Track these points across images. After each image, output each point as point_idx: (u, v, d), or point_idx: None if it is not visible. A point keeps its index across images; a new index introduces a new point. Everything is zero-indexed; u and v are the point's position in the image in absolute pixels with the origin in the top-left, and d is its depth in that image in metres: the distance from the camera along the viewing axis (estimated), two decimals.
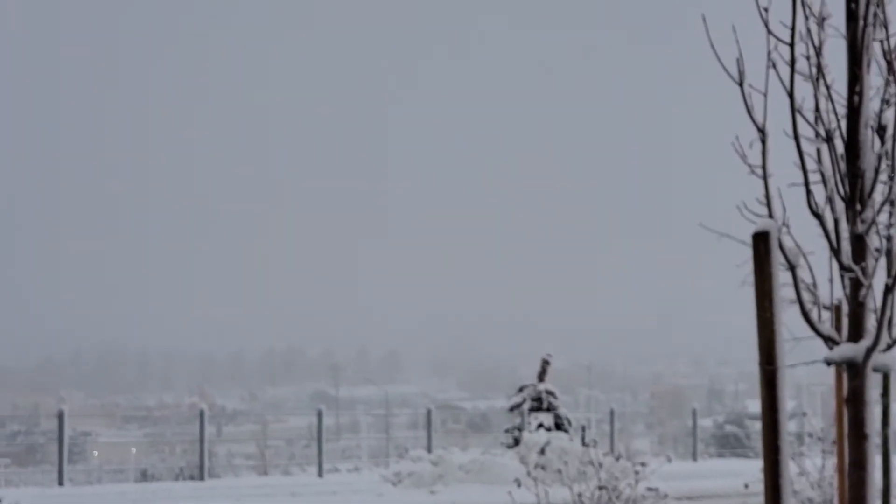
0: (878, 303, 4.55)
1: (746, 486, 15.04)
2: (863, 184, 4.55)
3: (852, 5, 4.56)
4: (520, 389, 25.26)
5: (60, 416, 23.04)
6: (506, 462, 21.68)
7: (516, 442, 23.49)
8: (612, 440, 29.12)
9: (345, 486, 21.91)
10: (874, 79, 4.63)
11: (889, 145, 4.60)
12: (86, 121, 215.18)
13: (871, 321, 4.56)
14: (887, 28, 4.64)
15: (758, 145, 4.53)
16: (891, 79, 4.65)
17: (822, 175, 4.62)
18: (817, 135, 4.61)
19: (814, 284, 4.69)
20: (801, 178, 4.57)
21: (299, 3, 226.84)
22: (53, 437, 25.62)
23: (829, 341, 4.59)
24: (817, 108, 4.59)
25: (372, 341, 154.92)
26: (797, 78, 4.52)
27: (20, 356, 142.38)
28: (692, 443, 31.37)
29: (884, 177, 4.58)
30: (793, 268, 4.51)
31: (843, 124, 4.59)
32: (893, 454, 5.06)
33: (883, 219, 4.59)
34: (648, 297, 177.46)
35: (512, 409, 25.08)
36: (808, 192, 4.57)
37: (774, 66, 4.51)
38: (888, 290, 4.50)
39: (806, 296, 4.57)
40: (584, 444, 21.59)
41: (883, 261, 4.59)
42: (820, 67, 4.57)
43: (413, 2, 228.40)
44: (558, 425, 24.32)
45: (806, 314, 4.52)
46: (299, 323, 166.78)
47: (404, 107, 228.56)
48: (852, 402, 4.54)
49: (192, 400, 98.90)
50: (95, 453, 57.80)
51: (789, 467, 4.04)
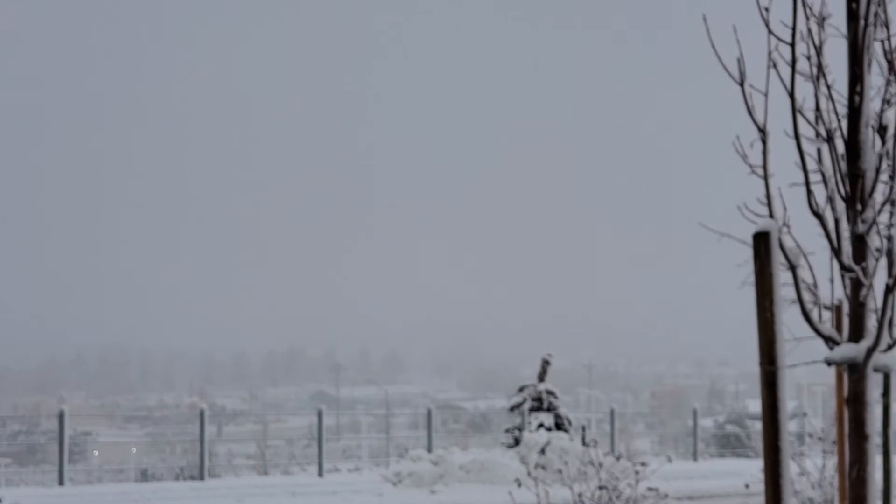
0: (879, 303, 4.54)
1: (747, 486, 15.04)
2: (863, 184, 4.55)
3: (853, 5, 4.55)
4: (520, 389, 25.26)
5: (61, 415, 23.04)
6: (506, 462, 21.69)
7: (517, 442, 23.49)
8: (613, 440, 29.10)
9: (345, 486, 21.91)
10: (875, 78, 4.62)
11: (890, 145, 4.59)
12: (87, 121, 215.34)
13: (871, 321, 4.56)
14: (888, 28, 4.63)
15: (758, 145, 4.52)
16: (892, 78, 4.64)
17: (823, 175, 4.61)
18: (818, 135, 4.61)
19: (814, 284, 4.68)
20: (801, 178, 4.56)
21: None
22: (54, 436, 25.60)
23: (830, 341, 4.59)
24: (818, 108, 4.58)
25: (373, 342, 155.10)
26: (798, 78, 4.51)
27: (21, 356, 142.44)
28: (693, 443, 31.34)
29: (884, 177, 4.57)
30: (793, 268, 4.51)
31: (844, 124, 4.58)
32: (894, 454, 5.06)
33: (884, 219, 4.58)
34: (649, 298, 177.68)
35: (512, 409, 25.08)
36: (809, 192, 4.56)
37: (775, 65, 4.50)
38: (889, 290, 4.50)
39: (806, 296, 4.57)
40: (584, 444, 21.57)
41: (884, 261, 4.59)
42: (821, 67, 4.56)
43: (412, 2, 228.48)
44: (559, 425, 24.32)
45: (806, 314, 4.52)
46: (300, 323, 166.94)
47: (405, 107, 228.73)
48: (853, 402, 4.54)
49: (192, 400, 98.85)
50: (96, 453, 57.78)
51: (790, 467, 4.04)
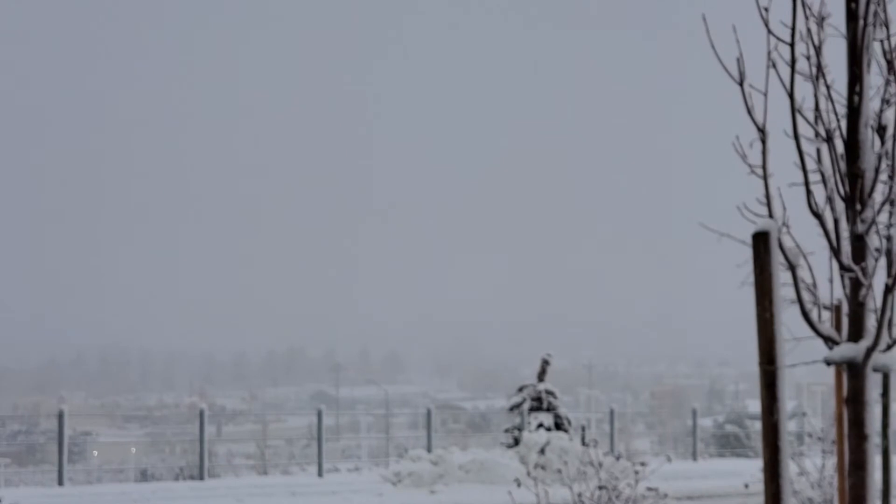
0: (878, 303, 4.54)
1: (746, 485, 15.03)
2: (863, 184, 4.55)
3: (852, 5, 4.55)
4: (520, 389, 25.25)
5: (60, 415, 23.02)
6: (506, 462, 21.69)
7: (516, 442, 23.49)
8: (612, 440, 29.09)
9: (345, 486, 21.91)
10: (874, 78, 4.62)
11: (889, 145, 4.59)
12: (87, 121, 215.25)
13: (871, 321, 4.56)
14: (888, 28, 4.63)
15: (758, 145, 4.52)
16: (891, 78, 4.64)
17: (822, 175, 4.61)
18: (817, 135, 4.61)
19: (814, 284, 4.68)
20: (801, 178, 4.56)
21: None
22: (53, 436, 25.59)
23: (829, 341, 4.59)
24: (817, 108, 4.58)
25: (373, 342, 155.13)
26: (797, 78, 4.51)
27: (21, 356, 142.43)
28: (692, 443, 31.33)
29: (884, 177, 4.57)
30: (793, 268, 4.51)
31: (843, 124, 4.58)
32: (893, 454, 5.06)
33: (883, 219, 4.58)
34: (649, 298, 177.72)
35: (512, 408, 25.07)
36: (808, 191, 4.56)
37: (774, 65, 4.50)
38: (888, 290, 4.50)
39: (806, 296, 4.57)
40: (583, 443, 21.56)
41: (883, 261, 4.58)
42: (820, 67, 4.56)
43: (412, 2, 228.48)
44: (558, 425, 24.31)
45: (806, 314, 4.52)
46: (300, 323, 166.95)
47: (405, 107, 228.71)
48: (852, 402, 4.54)
49: (192, 400, 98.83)
50: (95, 453, 57.77)
51: (789, 467, 4.04)
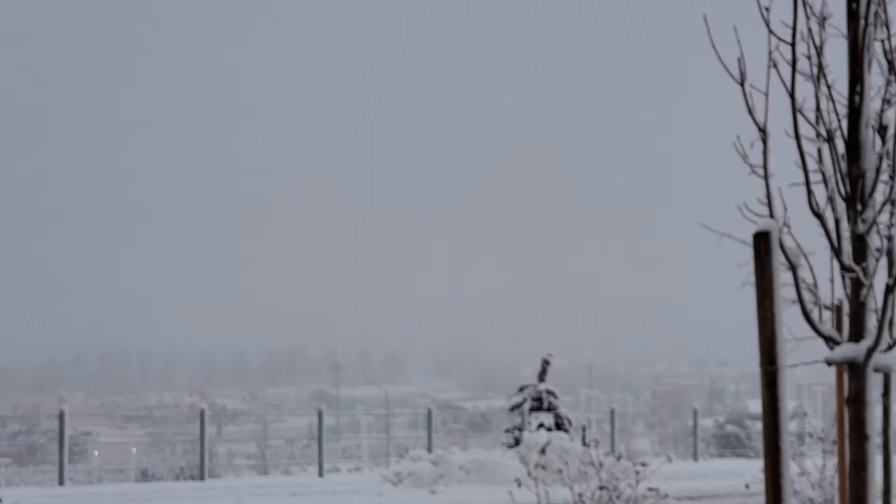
0: (879, 303, 4.54)
1: (747, 486, 15.02)
2: (864, 184, 4.55)
3: (853, 5, 4.55)
4: (520, 389, 25.24)
5: (61, 415, 23.02)
6: (506, 462, 21.68)
7: (517, 442, 23.48)
8: (613, 440, 29.09)
9: (345, 486, 21.91)
10: (875, 78, 4.62)
11: (890, 145, 4.59)
12: (87, 121, 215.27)
13: (872, 321, 4.56)
14: (888, 28, 4.63)
15: (759, 145, 4.52)
16: (892, 78, 4.64)
17: (823, 175, 4.61)
18: (818, 135, 4.60)
19: (815, 284, 4.68)
20: (801, 178, 4.56)
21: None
22: (54, 436, 25.59)
23: (830, 341, 4.59)
24: (818, 108, 4.58)
25: (373, 342, 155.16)
26: (798, 78, 4.51)
27: (21, 356, 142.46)
28: (693, 443, 31.32)
29: (885, 177, 4.57)
30: (794, 268, 4.51)
31: (844, 124, 4.58)
32: (894, 454, 5.06)
33: (884, 219, 4.58)
34: (649, 298, 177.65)
35: (512, 408, 25.07)
36: (809, 192, 4.56)
37: (775, 65, 4.50)
38: (889, 290, 4.49)
39: (807, 296, 4.57)
40: (584, 444, 21.56)
41: (884, 261, 4.59)
42: (821, 67, 4.56)
43: (412, 2, 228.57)
44: (559, 425, 24.30)
45: (807, 314, 4.52)
46: (300, 323, 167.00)
47: (405, 107, 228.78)
48: (853, 402, 4.54)
49: (192, 400, 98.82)
50: (96, 453, 57.77)
51: (790, 467, 4.03)
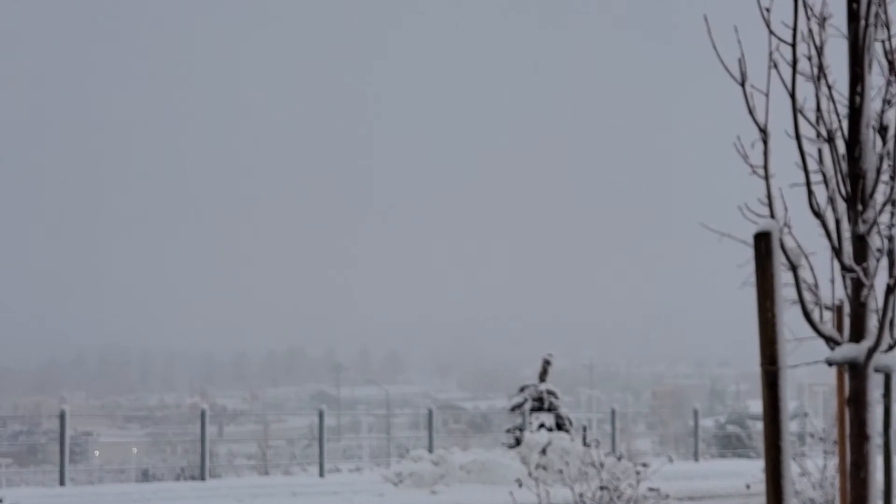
0: (880, 303, 4.55)
1: (748, 486, 15.00)
2: (864, 184, 4.55)
3: (854, 5, 4.55)
4: (521, 389, 25.24)
5: (62, 416, 23.02)
6: (507, 462, 21.68)
7: (517, 442, 23.48)
8: (614, 440, 29.08)
9: (346, 486, 21.91)
10: (876, 79, 4.62)
11: (891, 145, 4.60)
12: (87, 121, 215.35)
13: (872, 322, 4.56)
14: (889, 28, 4.63)
15: (759, 145, 4.52)
16: (892, 79, 4.64)
17: (824, 175, 4.61)
18: (819, 135, 4.61)
19: (815, 285, 4.68)
20: (802, 179, 4.56)
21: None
22: (55, 436, 25.60)
23: (831, 342, 4.59)
24: (819, 109, 4.58)
25: (373, 342, 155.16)
26: (799, 78, 4.51)
27: (22, 356, 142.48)
28: (694, 443, 31.31)
29: (885, 177, 4.57)
30: (794, 268, 4.51)
31: (845, 124, 4.58)
32: (895, 455, 5.06)
33: (884, 219, 4.58)
34: (649, 298, 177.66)
35: (513, 409, 25.07)
36: (810, 192, 4.56)
37: (776, 66, 4.50)
38: (890, 290, 4.49)
39: (807, 296, 4.57)
40: (585, 444, 21.57)
41: (884, 261, 4.59)
42: (821, 67, 4.56)
43: (412, 2, 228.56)
44: (559, 425, 24.30)
45: (807, 314, 4.52)
46: (301, 323, 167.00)
47: (405, 107, 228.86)
48: (854, 402, 4.54)
49: (193, 400, 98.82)
50: (97, 453, 57.79)
51: (791, 468, 4.03)
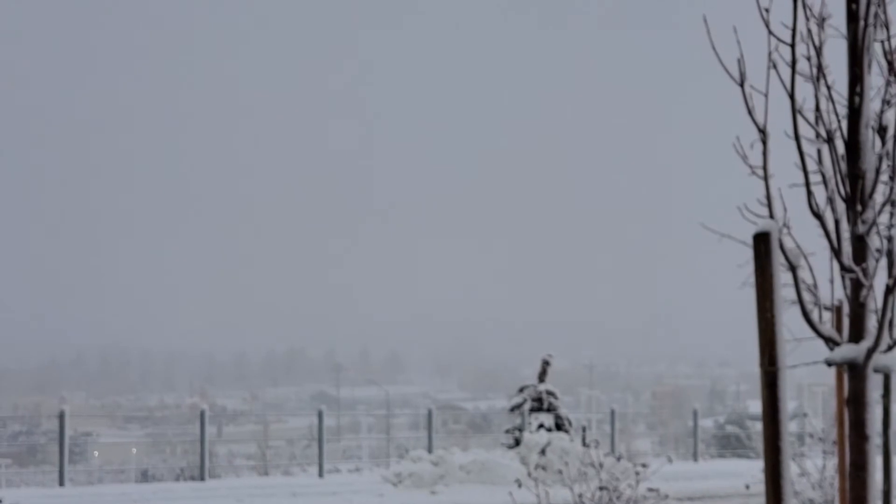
0: (879, 304, 4.55)
1: (747, 486, 15.01)
2: (863, 184, 4.55)
3: (853, 6, 4.55)
4: (520, 390, 25.23)
5: (61, 416, 23.01)
6: (507, 462, 21.68)
7: (517, 442, 23.47)
8: (613, 441, 29.07)
9: (345, 487, 21.90)
10: (875, 79, 4.62)
11: (890, 146, 4.60)
12: (87, 121, 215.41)
13: (871, 322, 4.56)
14: (888, 28, 4.63)
15: (759, 146, 4.52)
16: (891, 79, 4.64)
17: (823, 176, 4.61)
18: (818, 135, 4.61)
19: (815, 285, 4.68)
20: (801, 179, 4.56)
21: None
22: (54, 437, 25.59)
23: (830, 342, 4.59)
24: (818, 109, 4.58)
25: (373, 342, 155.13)
26: (798, 79, 4.51)
27: (21, 357, 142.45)
28: (693, 443, 31.31)
29: (884, 177, 4.57)
30: (794, 268, 4.51)
31: (844, 125, 4.59)
32: (894, 455, 5.06)
33: (884, 220, 4.58)
34: (649, 298, 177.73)
35: (513, 409, 25.06)
36: (809, 192, 4.56)
37: (775, 66, 4.50)
38: (889, 290, 4.50)
39: (807, 296, 4.57)
40: (584, 444, 21.57)
41: (884, 261, 4.59)
42: (821, 68, 4.56)
43: (412, 2, 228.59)
44: (559, 426, 24.29)
45: (807, 315, 4.52)
46: (300, 323, 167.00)
47: (405, 107, 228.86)
48: (853, 402, 4.54)
49: (192, 400, 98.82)
50: (96, 454, 57.80)
51: (790, 468, 4.04)
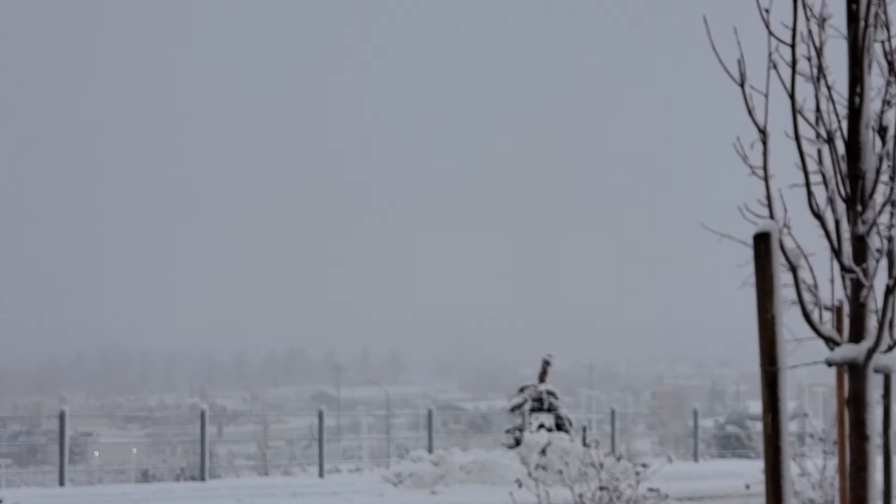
0: (880, 304, 4.55)
1: (748, 486, 15.04)
2: (864, 185, 4.55)
3: (853, 6, 4.55)
4: (521, 390, 25.24)
5: (62, 416, 23.02)
6: (507, 462, 21.68)
7: (517, 442, 23.48)
8: (613, 441, 29.07)
9: (346, 487, 21.91)
10: (875, 80, 4.62)
11: (890, 146, 4.60)
12: (87, 121, 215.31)
13: (872, 322, 4.56)
14: (888, 29, 4.63)
15: (759, 146, 4.52)
16: (892, 79, 4.64)
17: (823, 176, 4.61)
18: (818, 136, 4.61)
19: (815, 285, 4.68)
20: (802, 179, 4.56)
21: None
22: (54, 437, 25.60)
23: (831, 342, 4.59)
24: (818, 109, 4.58)
25: (373, 342, 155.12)
26: (798, 79, 4.51)
27: (22, 357, 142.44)
28: (693, 443, 31.31)
29: (885, 178, 4.57)
30: (794, 268, 4.51)
31: (844, 125, 4.59)
32: (894, 455, 5.06)
33: (884, 220, 4.58)
34: (650, 298, 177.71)
35: (513, 409, 25.06)
36: (809, 193, 4.56)
37: (775, 66, 4.50)
38: (889, 291, 4.50)
39: (807, 296, 4.57)
40: (584, 444, 21.57)
41: (884, 262, 4.59)
42: (821, 68, 4.56)
43: (412, 2, 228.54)
44: (559, 426, 24.30)
45: (807, 315, 4.52)
46: (300, 323, 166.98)
47: (405, 107, 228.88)
48: (853, 403, 4.54)
49: (193, 400, 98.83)
50: (96, 454, 57.82)
51: (790, 468, 4.04)
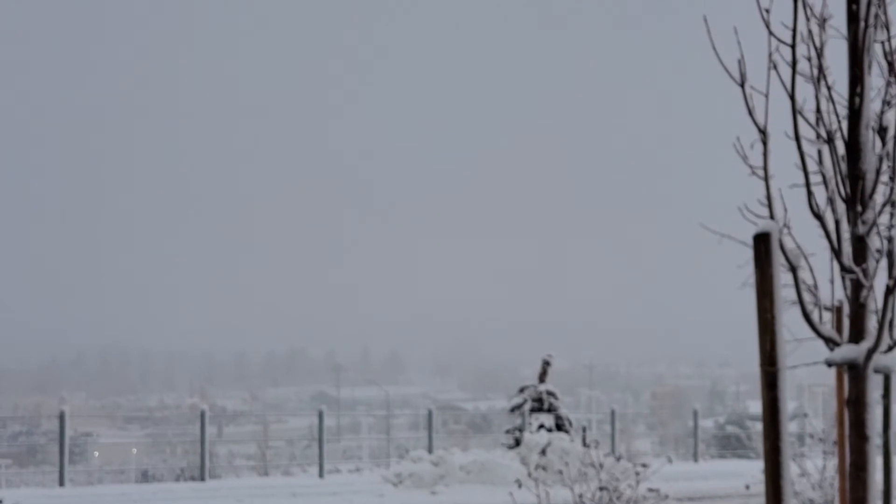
0: (880, 304, 4.55)
1: (747, 486, 15.02)
2: (864, 185, 4.55)
3: (853, 7, 4.55)
4: (521, 390, 25.24)
5: (61, 416, 23.02)
6: (507, 463, 21.68)
7: (517, 443, 23.48)
8: (613, 441, 29.08)
9: (346, 487, 21.91)
10: (875, 80, 4.62)
11: (890, 147, 4.60)
12: (87, 121, 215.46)
13: (872, 322, 4.56)
14: (888, 29, 4.63)
15: (759, 146, 4.53)
16: (892, 80, 4.64)
17: (824, 176, 4.61)
18: (818, 136, 4.61)
19: (815, 285, 4.68)
20: (802, 180, 4.56)
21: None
22: (54, 437, 25.60)
23: (831, 342, 4.59)
24: (818, 110, 4.58)
25: (373, 342, 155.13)
26: (798, 79, 4.51)
27: (21, 357, 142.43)
28: (693, 444, 31.31)
29: (885, 178, 4.57)
30: (794, 269, 4.51)
31: (844, 125, 4.59)
32: (894, 455, 5.06)
33: (884, 220, 4.58)
34: (650, 298, 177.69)
35: (513, 409, 25.07)
36: (810, 193, 4.56)
37: (776, 67, 4.50)
38: (889, 291, 4.50)
39: (807, 297, 4.57)
40: (584, 444, 21.57)
41: (884, 262, 4.59)
42: (821, 69, 4.56)
43: (412, 2, 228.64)
44: (559, 426, 24.30)
45: (807, 315, 4.52)
46: (300, 323, 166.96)
47: (404, 107, 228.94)
48: (853, 403, 4.54)
49: (192, 400, 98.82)
50: (96, 454, 57.80)
51: (790, 468, 4.04)
